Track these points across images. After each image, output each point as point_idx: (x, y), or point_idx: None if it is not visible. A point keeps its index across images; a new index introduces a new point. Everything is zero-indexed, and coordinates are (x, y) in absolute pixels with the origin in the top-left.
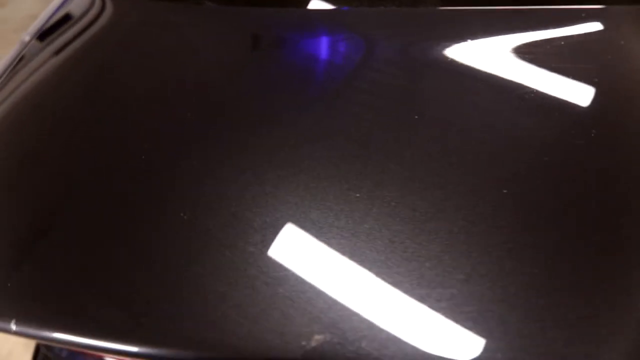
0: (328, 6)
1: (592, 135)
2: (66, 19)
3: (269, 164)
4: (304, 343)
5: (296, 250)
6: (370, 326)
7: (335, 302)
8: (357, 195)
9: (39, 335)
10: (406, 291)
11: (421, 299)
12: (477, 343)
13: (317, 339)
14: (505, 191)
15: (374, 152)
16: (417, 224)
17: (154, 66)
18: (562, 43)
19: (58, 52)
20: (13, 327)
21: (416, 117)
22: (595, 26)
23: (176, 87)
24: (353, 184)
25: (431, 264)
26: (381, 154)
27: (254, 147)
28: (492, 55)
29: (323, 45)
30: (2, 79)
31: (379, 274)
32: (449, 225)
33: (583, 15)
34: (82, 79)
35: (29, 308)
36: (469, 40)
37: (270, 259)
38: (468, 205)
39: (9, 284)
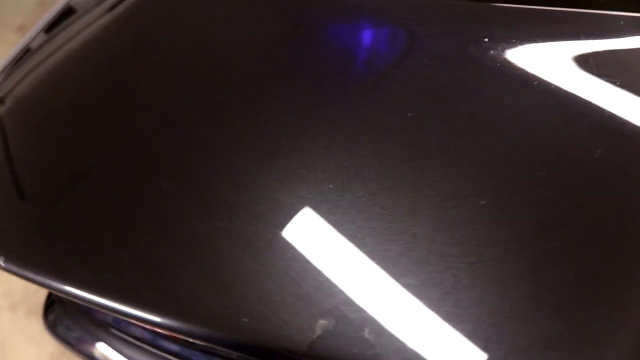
0: None
1: (596, 156)
2: None
3: (249, 148)
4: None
5: (252, 234)
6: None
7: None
8: (331, 186)
9: (26, 276)
10: (350, 291)
11: (364, 300)
12: (405, 354)
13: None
14: (482, 202)
15: (358, 145)
16: (382, 222)
17: (186, 39)
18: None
19: (107, 9)
20: (2, 263)
21: (409, 114)
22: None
23: (191, 66)
24: (329, 173)
25: (384, 265)
26: (365, 147)
27: (245, 129)
28: (523, 58)
29: (350, 35)
30: (49, 26)
31: (328, 269)
32: (414, 229)
33: (622, 22)
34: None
35: (19, 249)
36: (516, 42)
37: (229, 243)
38: (439, 211)
39: (5, 224)
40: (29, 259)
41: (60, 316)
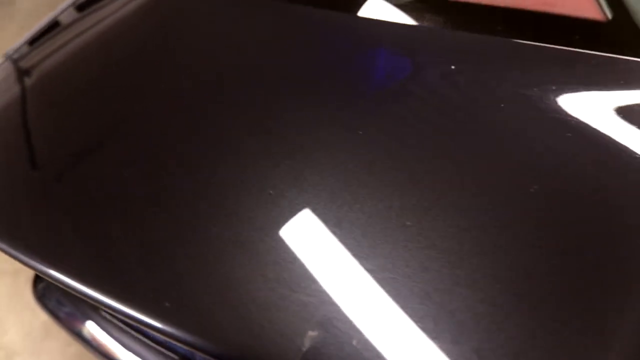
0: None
1: (531, 190)
2: None
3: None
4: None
5: (176, 238)
6: None
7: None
8: (271, 192)
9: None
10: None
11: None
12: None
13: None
14: (406, 240)
15: (304, 160)
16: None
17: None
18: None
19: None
20: None
21: (360, 132)
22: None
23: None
24: (273, 182)
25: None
26: (309, 159)
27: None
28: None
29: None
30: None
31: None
32: (343, 240)
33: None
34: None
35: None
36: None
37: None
38: (365, 230)
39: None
40: (11, 234)
41: (50, 288)
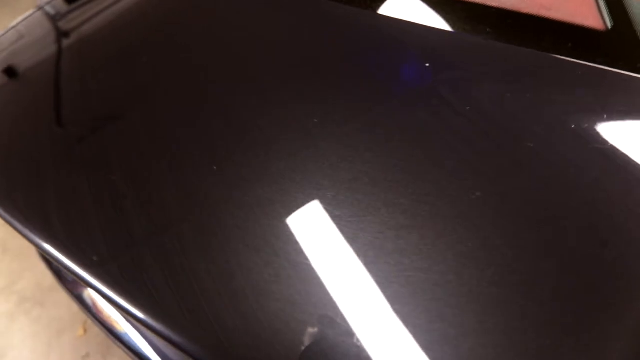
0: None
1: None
2: None
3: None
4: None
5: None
6: None
7: None
8: (215, 167)
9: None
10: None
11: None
12: None
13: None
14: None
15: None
16: (253, 221)
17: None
18: None
19: None
20: None
21: (315, 120)
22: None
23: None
24: (219, 163)
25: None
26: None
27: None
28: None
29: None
30: None
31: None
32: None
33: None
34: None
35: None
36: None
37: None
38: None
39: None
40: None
41: None
